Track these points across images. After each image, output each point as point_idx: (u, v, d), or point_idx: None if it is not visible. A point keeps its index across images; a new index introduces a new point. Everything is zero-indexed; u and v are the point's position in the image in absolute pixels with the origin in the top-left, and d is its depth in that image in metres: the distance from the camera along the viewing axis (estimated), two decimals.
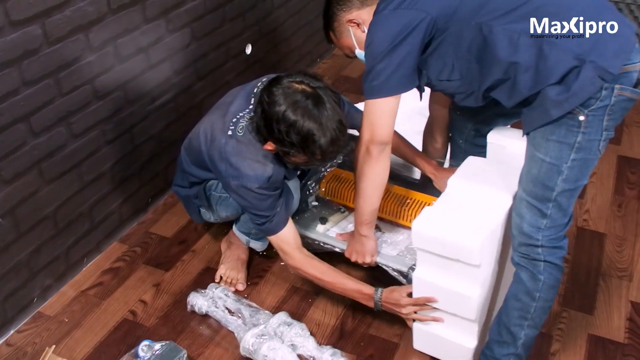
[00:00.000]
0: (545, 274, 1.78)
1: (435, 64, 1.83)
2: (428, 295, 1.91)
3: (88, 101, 2.25)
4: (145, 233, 2.60)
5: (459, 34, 1.74)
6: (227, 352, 2.09)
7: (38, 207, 2.16)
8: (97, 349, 2.10)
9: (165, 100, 2.65)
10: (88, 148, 2.30)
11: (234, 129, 2.02)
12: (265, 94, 1.88)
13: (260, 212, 2.03)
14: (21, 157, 2.04)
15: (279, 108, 1.83)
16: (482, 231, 1.77)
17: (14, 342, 2.12)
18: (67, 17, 2.08)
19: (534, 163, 1.72)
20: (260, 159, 1.99)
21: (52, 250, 2.26)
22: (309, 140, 1.83)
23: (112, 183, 2.46)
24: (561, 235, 1.76)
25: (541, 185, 1.71)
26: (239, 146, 2.00)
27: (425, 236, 1.83)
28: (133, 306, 2.26)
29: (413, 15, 1.75)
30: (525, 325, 1.84)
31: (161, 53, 2.55)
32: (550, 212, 1.72)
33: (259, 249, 2.40)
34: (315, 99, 1.84)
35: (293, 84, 1.87)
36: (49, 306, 2.26)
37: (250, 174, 1.98)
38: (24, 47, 1.96)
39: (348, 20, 1.96)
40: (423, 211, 1.89)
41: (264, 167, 1.99)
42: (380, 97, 1.83)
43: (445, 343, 1.99)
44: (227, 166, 2.00)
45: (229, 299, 2.21)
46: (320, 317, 2.22)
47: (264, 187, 1.99)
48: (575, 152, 1.66)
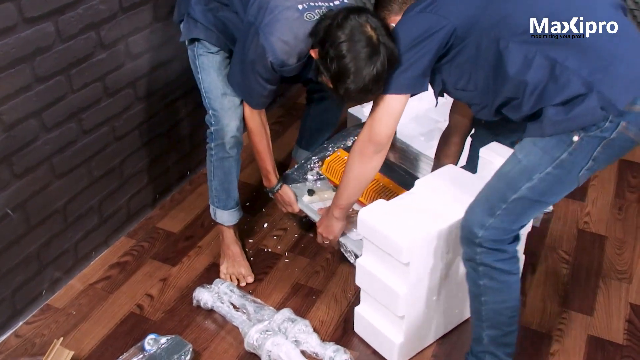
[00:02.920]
0: (485, 278, 1.75)
1: (453, 72, 1.82)
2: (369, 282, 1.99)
3: (99, 98, 2.29)
4: (152, 228, 2.63)
5: (478, 45, 1.72)
6: (231, 347, 2.12)
7: (48, 202, 2.19)
8: (104, 342, 2.13)
9: (174, 98, 2.68)
10: (98, 144, 2.34)
11: (302, 9, 1.98)
12: (341, 16, 1.85)
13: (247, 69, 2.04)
14: (33, 152, 2.08)
15: (340, 35, 1.82)
16: (417, 232, 1.82)
17: (22, 334, 2.16)
18: (79, 14, 2.11)
19: (510, 161, 1.72)
20: (293, 47, 1.97)
21: (62, 244, 2.29)
22: (342, 78, 1.84)
23: (120, 179, 2.50)
24: (504, 239, 1.72)
25: (505, 183, 1.70)
26: (291, 21, 1.96)
27: (367, 225, 1.90)
28: (140, 300, 2.30)
29: (435, 21, 1.74)
30: (484, 327, 1.83)
31: (170, 51, 2.58)
32: (499, 212, 1.69)
33: (223, 222, 2.39)
34: (373, 50, 1.81)
35: (367, 26, 1.83)
36: (57, 299, 2.30)
37: (275, 45, 1.96)
38: (37, 43, 2.00)
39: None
40: (375, 202, 1.96)
41: (288, 54, 1.98)
42: (388, 94, 1.83)
43: (377, 333, 2.06)
44: (264, 15, 1.96)
45: (234, 295, 2.24)
46: (324, 314, 2.24)
47: (271, 64, 1.98)
48: (554, 166, 1.63)
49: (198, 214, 2.71)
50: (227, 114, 2.19)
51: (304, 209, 2.37)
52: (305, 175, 2.49)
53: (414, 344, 2.06)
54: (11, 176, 2.03)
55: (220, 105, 2.19)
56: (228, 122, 2.20)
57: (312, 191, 2.42)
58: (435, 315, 2.05)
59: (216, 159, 2.28)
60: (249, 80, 2.07)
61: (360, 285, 2.05)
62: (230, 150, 2.25)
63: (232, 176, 2.32)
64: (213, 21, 2.13)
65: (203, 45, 2.17)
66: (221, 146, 2.24)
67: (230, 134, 2.21)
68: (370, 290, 2.01)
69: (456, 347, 2.12)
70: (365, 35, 1.81)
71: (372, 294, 2.00)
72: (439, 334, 2.14)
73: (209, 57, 2.18)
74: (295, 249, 2.53)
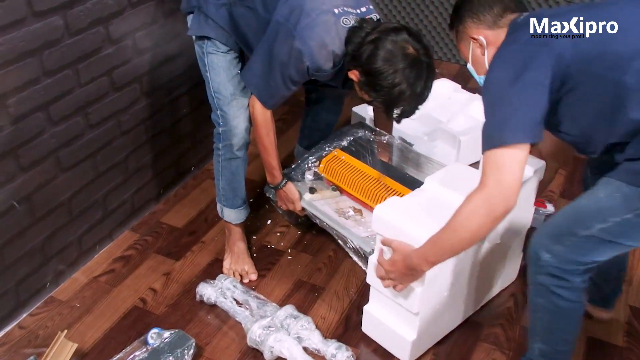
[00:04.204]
0: (542, 299, 1.70)
1: (557, 113, 1.63)
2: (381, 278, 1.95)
3: (105, 92, 2.30)
4: (156, 223, 2.65)
5: (592, 87, 1.54)
6: (234, 342, 2.13)
7: (54, 195, 2.20)
8: (107, 335, 2.15)
9: (180, 94, 2.70)
10: (104, 138, 2.35)
11: (338, 13, 1.95)
12: (381, 40, 1.85)
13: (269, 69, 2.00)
14: (39, 145, 2.09)
15: (385, 65, 1.84)
16: (434, 228, 1.79)
17: (26, 325, 2.17)
18: (88, 9, 2.12)
19: (590, 196, 1.62)
20: (330, 52, 1.95)
21: (66, 237, 2.30)
22: (397, 102, 1.87)
23: (125, 173, 2.51)
24: (570, 270, 1.63)
25: (578, 217, 1.62)
26: (330, 26, 1.93)
27: (383, 221, 1.90)
28: (143, 294, 2.31)
29: (545, 53, 1.53)
30: (536, 339, 1.80)
31: (177, 47, 2.60)
32: (568, 243, 1.61)
33: (230, 220, 2.39)
34: (419, 68, 1.85)
35: (408, 46, 1.85)
36: (61, 291, 2.31)
37: (314, 50, 1.93)
38: (46, 37, 2.01)
39: (472, 37, 1.74)
40: (389, 199, 1.96)
41: (326, 59, 1.97)
42: (498, 147, 1.54)
43: (388, 331, 2.05)
44: (299, 17, 1.92)
45: (237, 290, 2.25)
46: (326, 312, 2.26)
47: (307, 68, 1.96)
48: (635, 214, 1.55)
49: (202, 209, 2.72)
50: (236, 115, 2.18)
51: (307, 207, 2.38)
52: (302, 175, 2.49)
53: (425, 342, 2.06)
54: (17, 169, 2.04)
55: (229, 106, 2.18)
56: (237, 123, 2.19)
57: (314, 189, 2.43)
58: (446, 312, 2.05)
59: (224, 159, 2.27)
60: (274, 80, 2.02)
61: (372, 283, 2.04)
62: (238, 152, 2.25)
63: (240, 176, 2.32)
64: (226, 19, 2.09)
65: (213, 43, 2.14)
66: (229, 147, 2.24)
67: (239, 136, 2.21)
68: (383, 289, 1.99)
69: (456, 345, 2.13)
70: (410, 57, 1.84)
71: (385, 291, 1.99)
72: (447, 331, 2.15)
73: (218, 56, 2.15)
74: (298, 246, 2.55)
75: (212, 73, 2.18)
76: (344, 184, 2.40)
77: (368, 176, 2.37)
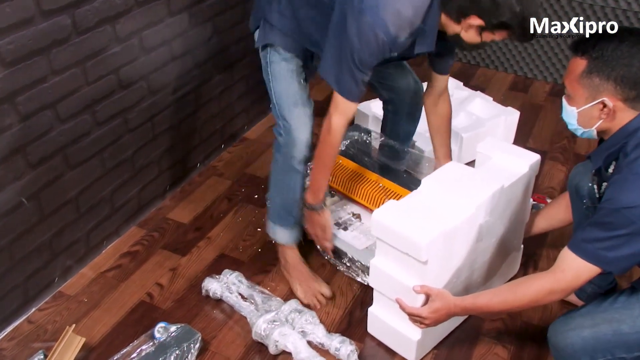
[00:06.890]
0: None
1: None
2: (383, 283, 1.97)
3: (112, 90, 2.33)
4: (162, 219, 2.67)
5: None
6: (239, 336, 2.16)
7: (62, 191, 2.23)
8: (114, 329, 2.17)
9: (186, 92, 2.72)
10: (111, 135, 2.38)
11: None
12: None
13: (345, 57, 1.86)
14: (47, 142, 2.12)
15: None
16: (434, 230, 1.82)
17: (35, 320, 2.20)
18: (95, 8, 2.15)
19: (634, 322, 1.62)
20: (404, 19, 1.82)
21: (74, 233, 2.33)
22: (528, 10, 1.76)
23: (132, 170, 2.54)
24: None
25: (618, 339, 1.62)
26: None
27: (382, 226, 1.90)
28: (150, 289, 2.34)
29: None
30: None
31: (183, 46, 2.62)
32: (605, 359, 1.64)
33: (284, 242, 2.33)
34: None
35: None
36: (69, 286, 2.34)
37: (386, 18, 1.79)
38: (54, 36, 2.03)
39: (602, 98, 1.60)
40: (387, 203, 1.97)
41: (400, 28, 1.82)
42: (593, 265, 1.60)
43: (393, 332, 2.07)
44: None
45: (242, 285, 2.28)
46: (330, 306, 2.28)
47: (382, 42, 1.82)
48: None
49: (207, 206, 2.75)
50: (298, 124, 2.10)
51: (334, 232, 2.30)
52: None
53: (429, 341, 2.08)
54: (26, 166, 2.07)
55: (291, 115, 2.10)
56: (298, 134, 2.10)
57: (333, 193, 2.40)
58: None
59: (282, 171, 2.20)
60: (348, 65, 1.88)
61: (375, 286, 2.05)
62: (298, 165, 2.16)
63: (296, 194, 2.22)
64: (290, 24, 2.04)
65: (276, 51, 2.09)
66: (288, 159, 2.15)
67: (300, 147, 2.12)
68: (386, 291, 2.00)
69: (458, 340, 2.16)
70: None
71: (387, 294, 1.99)
72: (452, 328, 2.17)
73: (281, 64, 2.10)
74: (302, 241, 2.56)
75: (274, 82, 2.12)
76: (343, 189, 2.41)
77: (366, 179, 2.38)
